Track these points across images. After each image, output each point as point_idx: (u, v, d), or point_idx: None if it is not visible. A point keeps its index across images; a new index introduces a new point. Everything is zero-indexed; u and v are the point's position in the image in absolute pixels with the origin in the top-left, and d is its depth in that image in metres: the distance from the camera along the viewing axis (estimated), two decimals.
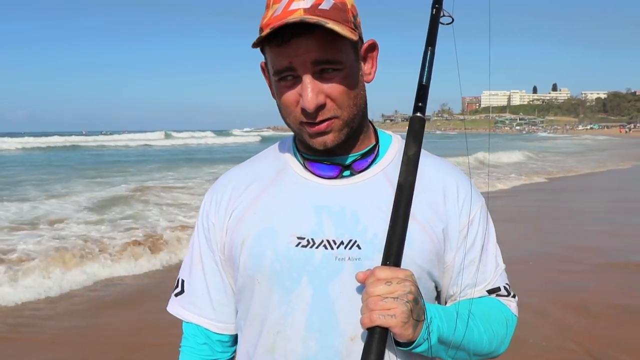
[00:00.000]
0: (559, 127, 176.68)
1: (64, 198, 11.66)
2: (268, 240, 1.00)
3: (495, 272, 1.08)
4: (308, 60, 0.92)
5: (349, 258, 0.97)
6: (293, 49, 0.91)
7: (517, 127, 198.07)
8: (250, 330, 1.03)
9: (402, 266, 0.89)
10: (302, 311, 0.97)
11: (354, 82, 0.97)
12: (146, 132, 72.87)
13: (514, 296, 1.10)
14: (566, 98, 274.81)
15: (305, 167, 1.05)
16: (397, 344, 0.89)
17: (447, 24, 1.00)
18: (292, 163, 1.07)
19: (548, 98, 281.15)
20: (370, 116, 1.09)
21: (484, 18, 1.07)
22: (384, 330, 0.84)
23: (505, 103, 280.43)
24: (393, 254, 0.88)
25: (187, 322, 1.12)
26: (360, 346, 0.88)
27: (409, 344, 0.88)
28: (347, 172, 1.04)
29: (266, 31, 0.90)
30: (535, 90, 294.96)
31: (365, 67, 1.02)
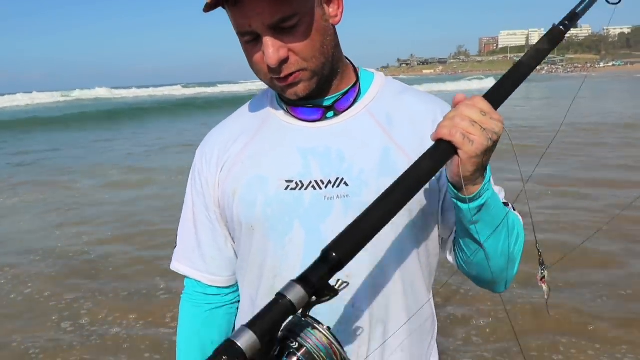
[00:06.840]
0: (579, 65, 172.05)
1: None
2: (258, 187, 1.02)
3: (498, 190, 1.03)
4: (265, 21, 0.90)
5: (338, 196, 0.98)
6: (248, 9, 0.89)
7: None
8: (251, 275, 1.07)
9: None
10: (297, 255, 0.99)
11: (316, 30, 0.95)
12: None
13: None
14: (587, 35, 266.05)
15: (289, 113, 1.07)
16: (455, 196, 0.88)
17: None
18: (275, 111, 1.09)
19: (568, 35, 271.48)
20: (385, 61, 1.30)
21: None
22: (452, 148, 0.81)
23: (523, 42, 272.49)
24: (495, 97, 0.85)
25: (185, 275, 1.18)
26: (355, 282, 0.96)
27: (462, 197, 0.86)
28: (330, 113, 1.05)
29: None
30: None
31: (331, 10, 0.98)
